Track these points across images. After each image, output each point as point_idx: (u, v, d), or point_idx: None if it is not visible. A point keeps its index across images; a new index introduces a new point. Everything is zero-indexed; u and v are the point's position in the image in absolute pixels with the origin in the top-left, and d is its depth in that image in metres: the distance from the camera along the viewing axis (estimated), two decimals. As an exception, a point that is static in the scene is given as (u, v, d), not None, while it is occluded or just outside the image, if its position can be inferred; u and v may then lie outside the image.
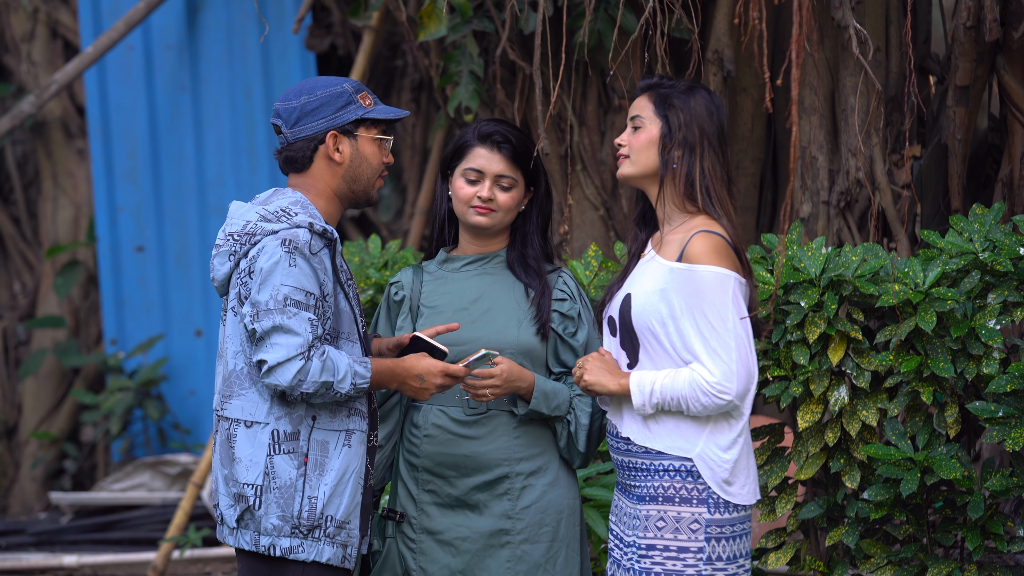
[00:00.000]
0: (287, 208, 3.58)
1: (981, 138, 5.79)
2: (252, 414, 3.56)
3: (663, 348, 3.60)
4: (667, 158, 3.65)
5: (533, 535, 3.87)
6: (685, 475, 3.58)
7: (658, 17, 5.00)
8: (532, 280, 3.94)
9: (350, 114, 3.63)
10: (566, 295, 3.95)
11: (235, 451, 3.56)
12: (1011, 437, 4.10)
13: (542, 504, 3.88)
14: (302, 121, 3.62)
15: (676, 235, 3.64)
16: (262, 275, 3.51)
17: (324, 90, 3.63)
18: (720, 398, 3.54)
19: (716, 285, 3.55)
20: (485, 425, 3.87)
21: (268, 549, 3.54)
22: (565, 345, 3.93)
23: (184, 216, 7.83)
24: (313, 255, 3.53)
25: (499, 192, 3.91)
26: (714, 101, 3.69)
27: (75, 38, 8.17)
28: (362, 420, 3.63)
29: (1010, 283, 4.19)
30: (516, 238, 3.99)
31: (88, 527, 7.45)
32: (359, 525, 3.62)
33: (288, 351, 3.47)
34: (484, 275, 3.96)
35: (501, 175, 3.91)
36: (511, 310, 3.91)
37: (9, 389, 8.36)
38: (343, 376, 3.51)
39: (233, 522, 3.58)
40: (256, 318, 3.50)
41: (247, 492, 3.54)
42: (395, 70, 7.73)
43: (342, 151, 3.64)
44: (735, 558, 3.62)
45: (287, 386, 3.48)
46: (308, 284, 3.51)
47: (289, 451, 3.54)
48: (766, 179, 5.91)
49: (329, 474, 3.56)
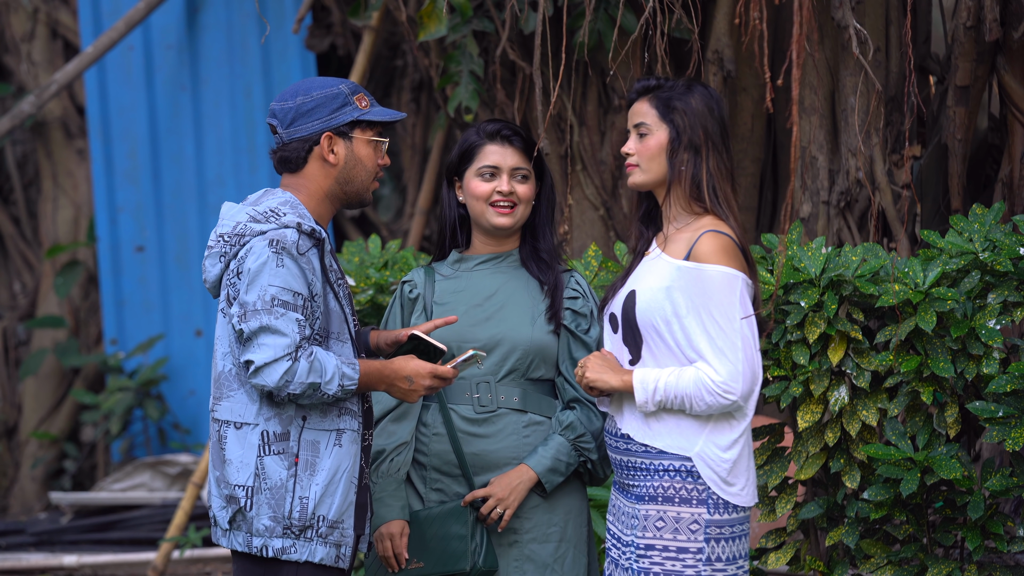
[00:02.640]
0: (276, 208, 3.58)
1: (981, 138, 5.79)
2: (241, 415, 3.56)
3: (667, 345, 3.60)
4: (675, 162, 3.65)
5: (541, 535, 3.87)
6: (685, 475, 3.58)
7: (658, 17, 5.00)
8: (545, 274, 3.95)
9: (345, 116, 3.63)
10: (578, 293, 3.97)
11: (226, 452, 3.57)
12: (1011, 437, 4.10)
13: (550, 504, 3.88)
14: (297, 122, 3.62)
15: (683, 234, 3.64)
16: (250, 276, 3.51)
17: (320, 91, 3.62)
18: (725, 398, 3.54)
19: (724, 285, 3.55)
20: (495, 423, 3.87)
21: (260, 550, 3.54)
22: (579, 342, 3.93)
23: (184, 216, 7.83)
24: (301, 255, 3.53)
25: (517, 184, 3.93)
26: (713, 96, 3.68)
27: (75, 38, 8.17)
28: (353, 419, 3.62)
29: (1010, 283, 4.19)
30: (527, 233, 4.01)
31: (88, 527, 7.45)
32: (354, 525, 3.62)
33: (275, 352, 3.47)
34: (499, 273, 3.97)
35: (517, 167, 3.94)
36: (525, 307, 3.92)
37: (9, 389, 8.36)
38: (331, 377, 3.51)
39: (226, 523, 3.58)
40: (244, 318, 3.50)
41: (238, 493, 3.54)
42: (395, 70, 7.73)
43: (337, 153, 3.63)
44: (734, 559, 3.62)
45: (274, 387, 3.48)
46: (296, 284, 3.51)
47: (279, 452, 3.54)
48: (766, 179, 5.90)
49: (320, 474, 3.56)
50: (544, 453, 3.86)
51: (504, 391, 3.88)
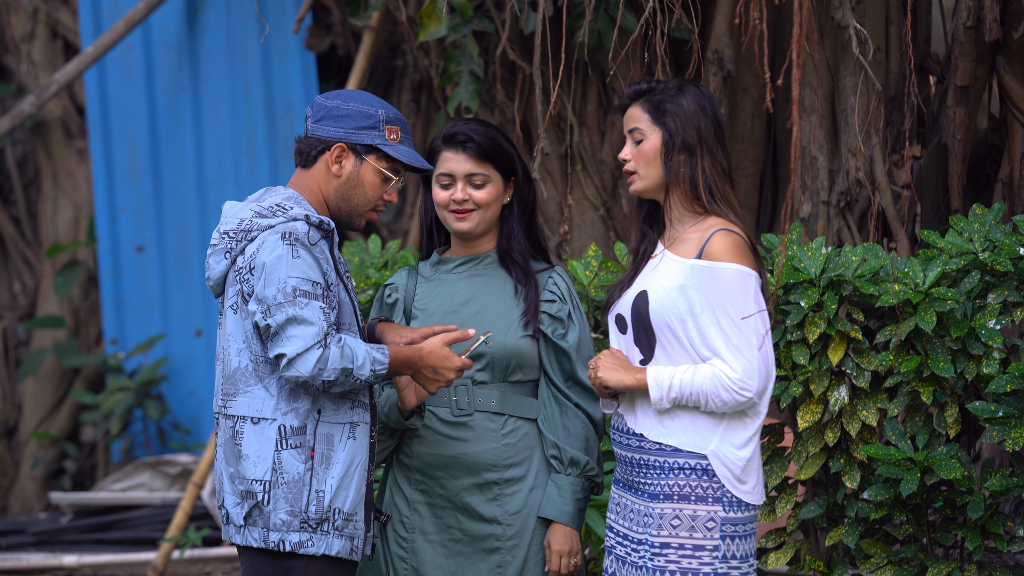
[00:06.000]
0: (281, 203, 3.59)
1: (981, 138, 5.79)
2: (259, 410, 3.56)
3: (681, 344, 3.61)
4: (671, 165, 3.65)
5: (522, 540, 3.87)
6: (700, 473, 3.58)
7: (658, 17, 5.00)
8: (518, 275, 3.92)
9: (366, 138, 3.64)
10: (555, 296, 3.92)
11: (242, 448, 3.56)
12: (1011, 437, 4.10)
13: (529, 509, 3.88)
14: (324, 121, 3.64)
15: (693, 233, 3.64)
16: (265, 270, 3.51)
17: (358, 105, 3.64)
18: (741, 395, 3.54)
19: (739, 283, 3.56)
20: (472, 428, 3.87)
21: (278, 544, 3.54)
22: (557, 348, 3.91)
23: (184, 216, 7.83)
24: (313, 245, 3.54)
25: (473, 191, 3.88)
26: (705, 95, 3.68)
27: (75, 38, 8.17)
28: (366, 412, 3.63)
29: (1010, 283, 4.19)
30: (502, 233, 3.96)
31: (88, 527, 7.45)
32: (364, 518, 3.62)
33: (305, 341, 3.47)
34: (475, 276, 3.94)
35: (471, 174, 3.88)
36: (501, 312, 3.89)
37: (9, 389, 8.36)
38: (362, 362, 3.51)
39: (240, 520, 3.57)
40: (268, 313, 3.49)
41: (255, 488, 3.54)
42: (395, 70, 7.73)
43: (343, 166, 3.64)
44: (746, 557, 3.63)
45: (309, 376, 3.47)
46: (313, 274, 3.52)
47: (296, 446, 3.54)
48: (766, 179, 5.91)
49: (335, 467, 3.56)
50: (561, 501, 3.87)
51: (482, 394, 3.87)
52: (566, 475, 3.87)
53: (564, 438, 3.88)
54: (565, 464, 3.87)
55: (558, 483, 3.87)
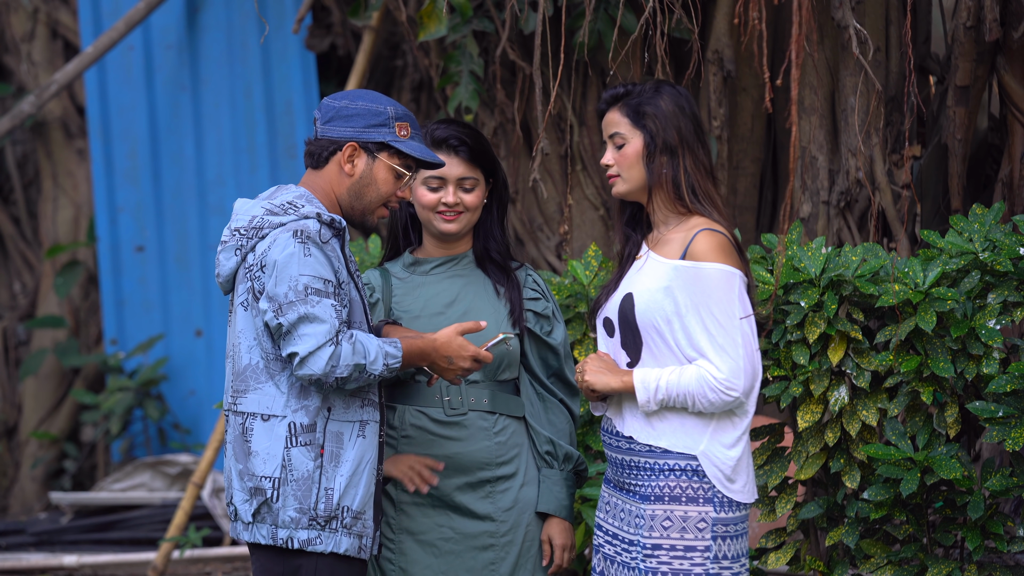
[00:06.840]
0: (292, 201, 3.59)
1: (981, 138, 5.79)
2: (269, 407, 3.56)
3: (667, 346, 3.61)
4: (654, 167, 3.66)
5: (515, 536, 3.87)
6: (691, 474, 3.59)
7: (658, 17, 5.00)
8: (499, 276, 3.93)
9: (377, 135, 3.64)
10: (538, 293, 3.95)
11: (251, 445, 3.56)
12: (1011, 437, 4.10)
13: (521, 505, 3.88)
14: (334, 122, 3.64)
15: (676, 234, 3.65)
16: (276, 268, 3.51)
17: (367, 103, 3.64)
18: (728, 394, 3.55)
19: (723, 283, 3.56)
20: (466, 427, 3.87)
21: (286, 542, 3.54)
22: (544, 345, 3.93)
23: (184, 216, 7.83)
24: (325, 243, 3.55)
25: (463, 194, 3.89)
26: (682, 94, 3.69)
27: (75, 38, 8.17)
28: (376, 410, 3.63)
29: (1010, 283, 4.19)
30: (479, 234, 3.97)
31: (88, 527, 7.45)
32: (372, 516, 3.63)
33: (317, 339, 3.47)
34: (456, 277, 3.95)
35: (463, 178, 3.89)
36: (489, 312, 3.90)
37: (9, 389, 8.36)
38: (375, 357, 3.52)
39: (249, 517, 3.58)
40: (280, 312, 3.50)
41: (264, 485, 3.54)
42: (395, 70, 7.72)
43: (355, 165, 3.65)
44: (738, 557, 3.63)
45: (322, 373, 3.47)
46: (325, 272, 3.52)
47: (306, 443, 3.54)
48: (766, 179, 5.91)
49: (344, 465, 3.56)
50: (560, 496, 3.91)
51: (474, 393, 3.88)
52: (560, 470, 3.89)
53: (554, 433, 3.91)
54: (560, 459, 3.90)
55: (554, 478, 3.89)
